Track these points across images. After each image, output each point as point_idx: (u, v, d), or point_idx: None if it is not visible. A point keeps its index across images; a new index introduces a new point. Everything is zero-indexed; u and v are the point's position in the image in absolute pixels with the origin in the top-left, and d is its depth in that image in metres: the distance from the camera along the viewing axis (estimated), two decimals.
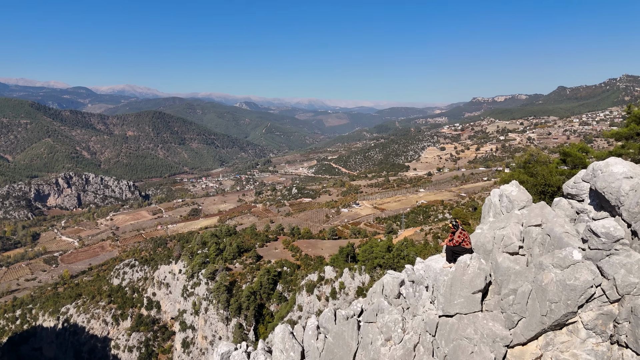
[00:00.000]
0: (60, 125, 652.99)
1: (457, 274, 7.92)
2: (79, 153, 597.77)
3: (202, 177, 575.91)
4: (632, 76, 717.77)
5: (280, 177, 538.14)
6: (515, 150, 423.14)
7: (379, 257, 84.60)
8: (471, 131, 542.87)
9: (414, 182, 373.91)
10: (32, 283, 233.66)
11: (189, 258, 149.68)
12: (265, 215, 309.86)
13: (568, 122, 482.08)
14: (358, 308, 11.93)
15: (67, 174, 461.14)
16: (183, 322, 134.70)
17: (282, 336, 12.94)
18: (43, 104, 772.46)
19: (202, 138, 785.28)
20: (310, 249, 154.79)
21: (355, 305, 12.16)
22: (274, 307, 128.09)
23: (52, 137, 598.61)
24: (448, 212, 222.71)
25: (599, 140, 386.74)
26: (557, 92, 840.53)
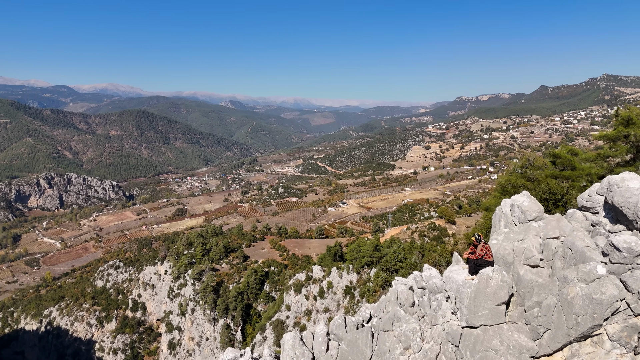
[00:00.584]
0: (41, 125, 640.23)
1: (480, 287, 8.01)
2: (60, 153, 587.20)
3: (187, 177, 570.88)
4: (612, 75, 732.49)
5: (267, 176, 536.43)
6: (499, 149, 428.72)
7: (367, 256, 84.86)
8: (456, 130, 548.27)
9: (399, 181, 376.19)
10: (13, 286, 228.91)
11: (175, 259, 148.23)
12: (252, 214, 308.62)
13: (550, 120, 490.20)
14: (367, 314, 11.86)
15: (48, 174, 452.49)
16: (169, 323, 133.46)
17: (293, 343, 12.83)
18: (23, 103, 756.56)
19: (187, 137, 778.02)
20: (298, 248, 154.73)
21: (364, 312, 12.09)
22: (262, 307, 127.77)
23: (32, 136, 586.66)
24: (434, 211, 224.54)
25: (580, 138, 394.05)
26: (539, 92, 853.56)
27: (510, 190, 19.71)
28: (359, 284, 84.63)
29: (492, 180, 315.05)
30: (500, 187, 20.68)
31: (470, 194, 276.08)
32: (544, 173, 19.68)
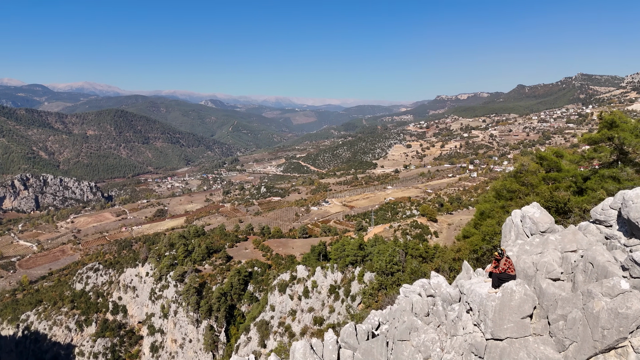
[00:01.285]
0: (15, 125, 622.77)
1: (504, 300, 8.18)
2: (35, 153, 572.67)
3: (167, 177, 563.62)
4: (587, 75, 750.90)
5: (249, 176, 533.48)
6: (478, 147, 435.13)
7: (351, 255, 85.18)
8: (436, 129, 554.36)
9: (381, 180, 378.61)
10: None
11: (157, 260, 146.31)
12: (234, 214, 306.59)
13: (527, 119, 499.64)
14: (375, 321, 11.87)
15: (23, 176, 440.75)
16: (151, 325, 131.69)
17: (304, 352, 12.73)
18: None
19: (167, 137, 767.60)
20: (281, 248, 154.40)
21: (373, 319, 12.09)
22: (245, 308, 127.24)
23: (6, 137, 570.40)
24: (415, 209, 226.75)
25: (557, 136, 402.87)
26: (517, 90, 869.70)
27: (505, 194, 20.12)
28: (344, 283, 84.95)
29: (473, 178, 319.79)
30: (495, 192, 21.07)
31: (451, 191, 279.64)
32: (538, 177, 20.13)
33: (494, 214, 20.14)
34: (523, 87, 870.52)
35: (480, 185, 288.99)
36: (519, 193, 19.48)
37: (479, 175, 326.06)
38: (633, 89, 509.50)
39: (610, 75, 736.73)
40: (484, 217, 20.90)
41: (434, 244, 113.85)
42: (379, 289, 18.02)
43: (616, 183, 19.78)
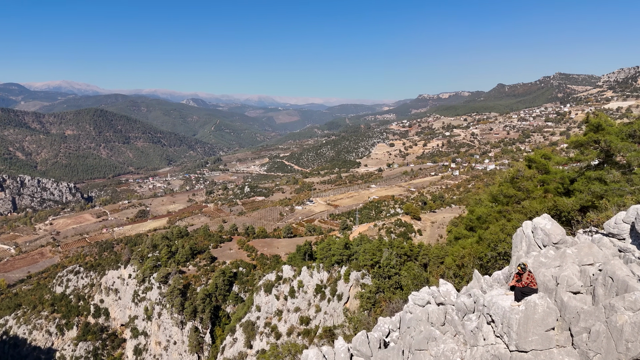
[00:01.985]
0: None
1: (528, 313, 8.41)
2: (12, 154, 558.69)
3: (149, 177, 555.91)
4: (564, 74, 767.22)
5: (232, 175, 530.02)
6: (460, 146, 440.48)
7: (337, 255, 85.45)
8: (418, 127, 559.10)
9: (365, 178, 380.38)
10: None
11: (139, 262, 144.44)
12: (218, 215, 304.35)
13: (508, 118, 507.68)
14: (386, 329, 11.90)
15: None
16: (135, 328, 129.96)
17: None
18: None
19: (148, 136, 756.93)
20: (266, 248, 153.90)
21: (383, 327, 12.12)
22: (231, 309, 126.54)
23: None
24: (399, 207, 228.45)
25: (536, 135, 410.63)
26: (497, 89, 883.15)
27: (502, 199, 20.53)
28: (330, 282, 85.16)
29: (455, 177, 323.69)
30: (492, 197, 21.47)
31: (434, 190, 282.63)
32: (533, 183, 20.60)
33: (491, 218, 20.56)
34: (503, 86, 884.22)
35: (462, 183, 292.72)
36: (515, 198, 19.92)
37: (461, 174, 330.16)
38: (609, 87, 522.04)
39: (587, 74, 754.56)
40: (480, 222, 21.31)
41: (418, 242, 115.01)
42: (376, 292, 18.11)
43: (602, 185, 20.40)
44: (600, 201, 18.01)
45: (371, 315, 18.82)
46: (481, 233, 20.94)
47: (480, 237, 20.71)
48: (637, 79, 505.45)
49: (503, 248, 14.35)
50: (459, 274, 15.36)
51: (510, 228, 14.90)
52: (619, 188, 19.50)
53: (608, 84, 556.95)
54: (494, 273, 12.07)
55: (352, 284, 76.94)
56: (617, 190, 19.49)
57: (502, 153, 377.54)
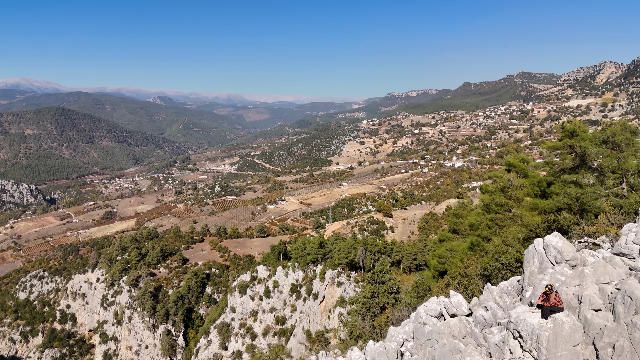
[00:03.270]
0: None
1: (556, 330, 8.90)
2: None
3: (115, 178, 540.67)
4: (527, 73, 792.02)
5: (201, 174, 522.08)
6: (429, 143, 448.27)
7: (312, 254, 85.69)
8: (388, 125, 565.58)
9: (337, 176, 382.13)
10: None
11: (108, 265, 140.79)
12: (188, 215, 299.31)
13: (474, 115, 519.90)
14: (400, 339, 11.97)
15: None
16: (104, 333, 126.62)
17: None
18: None
19: (114, 135, 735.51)
20: (239, 248, 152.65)
21: (398, 337, 12.17)
22: (204, 310, 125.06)
23: None
24: (371, 205, 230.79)
25: (501, 132, 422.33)
26: (464, 88, 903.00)
27: (494, 208, 21.25)
28: (305, 281, 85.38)
29: (424, 174, 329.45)
30: (484, 205, 22.19)
31: (404, 187, 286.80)
32: (523, 192, 21.39)
33: (483, 226, 21.29)
34: (469, 84, 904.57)
35: (431, 180, 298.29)
36: (507, 206, 20.74)
37: (430, 171, 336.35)
38: (569, 86, 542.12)
39: (548, 73, 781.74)
40: (473, 229, 22.08)
41: (391, 239, 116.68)
42: (371, 296, 18.39)
43: (578, 188, 21.52)
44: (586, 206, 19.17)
45: (367, 321, 19.03)
46: (474, 240, 21.65)
47: (473, 243, 21.41)
48: (596, 78, 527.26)
49: (506, 259, 14.91)
50: (463, 283, 15.77)
51: (511, 239, 15.61)
52: (594, 192, 20.61)
53: (568, 82, 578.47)
54: (500, 284, 12.55)
55: (328, 283, 77.39)
56: (592, 194, 20.61)
57: (470, 150, 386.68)
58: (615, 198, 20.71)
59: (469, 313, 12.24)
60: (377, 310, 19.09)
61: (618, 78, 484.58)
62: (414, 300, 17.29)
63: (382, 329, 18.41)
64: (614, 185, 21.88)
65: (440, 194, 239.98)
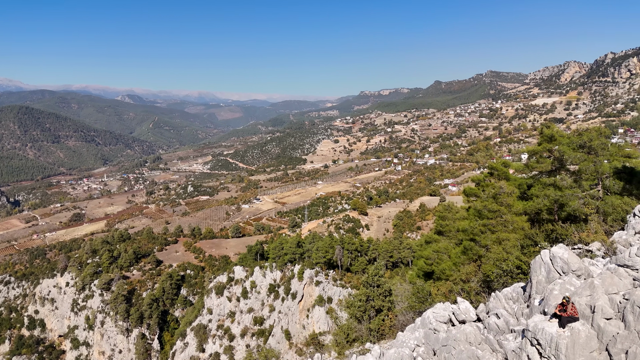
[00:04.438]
0: None
1: (574, 338, 9.59)
2: None
3: (83, 179, 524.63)
4: (495, 72, 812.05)
5: (173, 174, 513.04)
6: (401, 141, 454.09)
7: (290, 254, 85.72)
8: (361, 124, 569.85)
9: (311, 175, 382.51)
10: None
11: (78, 269, 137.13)
12: (160, 216, 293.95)
13: (445, 114, 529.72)
14: (412, 344, 12.18)
15: None
16: (75, 339, 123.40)
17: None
18: None
19: (81, 135, 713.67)
20: (214, 249, 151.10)
21: (409, 342, 12.31)
22: (179, 313, 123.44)
23: None
24: (346, 203, 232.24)
25: (471, 130, 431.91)
26: (434, 86, 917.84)
27: (487, 214, 22.12)
28: (283, 281, 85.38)
29: (398, 172, 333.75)
30: (477, 212, 23.01)
31: (378, 185, 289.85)
32: (513, 198, 22.34)
33: (476, 231, 22.14)
34: (440, 83, 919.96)
35: (404, 178, 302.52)
36: (499, 213, 21.70)
37: (404, 169, 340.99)
38: (535, 85, 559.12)
39: (515, 72, 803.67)
40: (467, 234, 22.96)
41: (367, 237, 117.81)
42: (366, 300, 18.76)
43: (557, 191, 22.78)
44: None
45: (363, 324, 19.42)
46: (467, 244, 22.55)
47: (466, 248, 22.28)
48: (560, 77, 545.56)
49: (507, 266, 15.66)
50: (465, 289, 16.37)
51: (511, 247, 16.46)
52: (572, 194, 21.86)
53: (534, 81, 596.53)
54: (503, 290, 13.20)
55: (306, 282, 77.65)
56: (571, 196, 21.85)
57: (441, 148, 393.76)
58: (592, 200, 21.95)
59: (477, 319, 12.79)
60: (373, 313, 19.51)
61: (582, 77, 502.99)
62: (416, 305, 17.82)
63: (378, 331, 18.85)
64: (590, 187, 23.24)
65: (413, 191, 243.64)
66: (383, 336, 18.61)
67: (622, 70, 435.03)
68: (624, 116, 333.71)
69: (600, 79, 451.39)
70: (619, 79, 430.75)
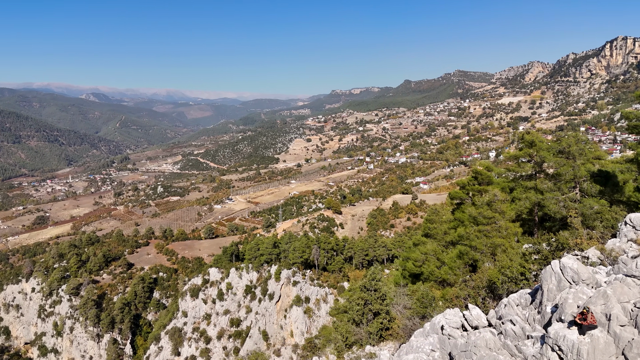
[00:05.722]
0: None
1: (594, 344, 10.31)
2: None
3: (46, 180, 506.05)
4: (463, 71, 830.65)
5: (142, 175, 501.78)
6: (373, 140, 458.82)
7: (266, 254, 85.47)
8: (333, 122, 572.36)
9: (284, 174, 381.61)
10: None
11: (44, 274, 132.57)
12: (129, 218, 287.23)
13: (415, 113, 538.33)
14: (427, 349, 12.36)
15: None
16: (42, 346, 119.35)
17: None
18: None
19: (43, 135, 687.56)
20: (187, 250, 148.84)
21: (424, 347, 12.49)
22: (152, 316, 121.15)
23: None
24: (320, 202, 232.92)
25: (441, 128, 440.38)
26: (404, 85, 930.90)
27: (482, 220, 23.01)
28: (260, 282, 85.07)
29: (370, 170, 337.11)
30: (473, 219, 23.87)
31: (351, 183, 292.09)
32: (506, 205, 23.30)
33: (472, 236, 22.99)
34: (409, 82, 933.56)
35: (377, 176, 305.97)
36: (494, 219, 22.65)
37: (376, 167, 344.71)
38: (501, 84, 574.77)
39: (482, 71, 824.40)
40: (463, 239, 23.86)
41: (342, 236, 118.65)
42: (364, 304, 19.12)
43: (538, 194, 24.17)
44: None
45: (362, 327, 19.77)
46: (462, 249, 23.42)
47: (461, 252, 23.09)
48: (525, 77, 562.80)
49: (512, 273, 16.40)
50: (471, 295, 16.94)
51: (514, 254, 17.27)
52: (553, 197, 23.13)
53: (500, 80, 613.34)
54: (511, 296, 13.82)
55: (284, 282, 77.63)
56: (552, 199, 23.12)
57: (412, 146, 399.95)
58: (571, 203, 23.18)
59: (488, 324, 13.31)
60: (370, 316, 19.88)
61: (545, 77, 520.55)
62: (421, 310, 18.30)
63: (377, 334, 19.25)
64: (569, 190, 24.55)
65: (386, 189, 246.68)
66: (382, 339, 19.00)
67: (583, 70, 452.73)
68: (585, 115, 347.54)
69: (562, 79, 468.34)
70: (580, 79, 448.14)
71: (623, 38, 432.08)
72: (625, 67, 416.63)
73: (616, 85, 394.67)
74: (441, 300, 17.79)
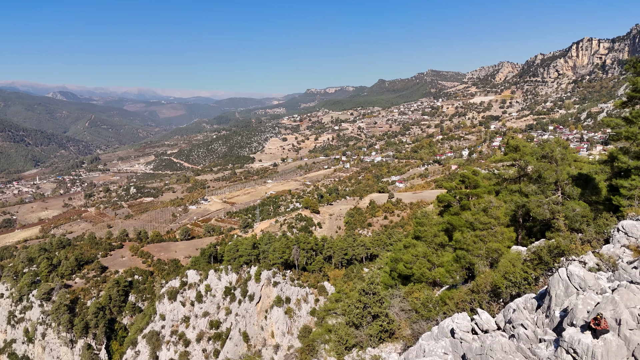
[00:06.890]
0: None
1: (607, 347, 10.92)
2: None
3: (12, 182, 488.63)
4: (435, 71, 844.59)
5: (113, 175, 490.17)
6: (348, 139, 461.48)
7: (245, 255, 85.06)
8: (309, 122, 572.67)
9: (261, 174, 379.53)
10: None
11: (13, 279, 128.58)
12: (101, 220, 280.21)
13: (389, 112, 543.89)
14: (440, 352, 12.65)
15: None
16: (12, 353, 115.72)
17: None
18: None
19: (8, 135, 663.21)
20: (163, 252, 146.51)
21: (435, 350, 12.76)
22: (128, 320, 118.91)
23: None
24: (297, 202, 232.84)
25: (415, 127, 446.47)
26: (379, 85, 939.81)
27: (479, 225, 23.77)
28: (239, 283, 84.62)
29: (346, 169, 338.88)
30: (470, 224, 24.62)
31: (328, 182, 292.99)
32: (502, 211, 24.18)
33: (469, 241, 23.70)
34: (384, 81, 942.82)
35: (353, 175, 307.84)
36: (489, 225, 23.48)
37: (352, 166, 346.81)
38: (473, 84, 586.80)
39: (454, 71, 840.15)
40: (460, 244, 24.60)
41: (321, 236, 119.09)
42: (364, 307, 19.40)
43: (523, 197, 25.33)
44: None
45: (362, 330, 20.09)
46: (460, 253, 24.20)
47: (458, 256, 23.86)
48: (495, 77, 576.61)
49: (515, 278, 17.00)
50: (476, 299, 17.47)
51: (516, 259, 17.89)
52: (537, 200, 24.28)
53: (472, 80, 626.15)
54: (516, 300, 14.38)
55: (264, 283, 77.48)
56: (536, 202, 24.27)
57: (387, 145, 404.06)
58: (554, 205, 24.33)
59: (497, 328, 13.82)
60: (370, 319, 20.24)
61: (514, 77, 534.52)
62: (427, 314, 18.78)
63: (377, 337, 19.62)
64: (552, 193, 25.76)
65: (362, 188, 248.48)
66: (381, 340, 19.36)
67: (551, 71, 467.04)
68: (553, 114, 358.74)
69: (531, 79, 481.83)
70: (548, 79, 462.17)
71: (589, 39, 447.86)
72: (591, 68, 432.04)
73: (582, 85, 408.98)
74: (450, 303, 18.36)
